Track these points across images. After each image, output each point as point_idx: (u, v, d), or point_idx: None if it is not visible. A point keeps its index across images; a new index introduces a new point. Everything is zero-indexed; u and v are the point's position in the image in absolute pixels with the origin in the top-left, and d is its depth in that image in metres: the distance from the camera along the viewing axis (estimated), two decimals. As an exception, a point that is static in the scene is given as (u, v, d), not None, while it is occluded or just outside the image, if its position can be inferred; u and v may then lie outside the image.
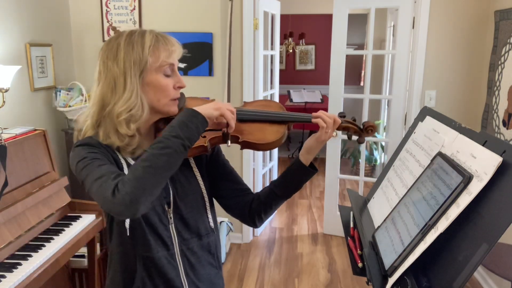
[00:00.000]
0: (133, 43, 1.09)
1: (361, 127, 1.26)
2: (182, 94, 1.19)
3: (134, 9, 3.24)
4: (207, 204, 1.25)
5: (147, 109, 1.11)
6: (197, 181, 1.23)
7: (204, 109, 1.03)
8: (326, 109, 4.01)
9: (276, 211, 2.33)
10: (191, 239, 1.20)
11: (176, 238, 1.17)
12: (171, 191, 1.18)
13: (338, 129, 1.23)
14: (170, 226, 1.17)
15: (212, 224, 1.26)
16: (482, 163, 0.88)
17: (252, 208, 1.28)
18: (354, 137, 1.28)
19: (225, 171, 1.30)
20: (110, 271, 1.21)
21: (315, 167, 1.24)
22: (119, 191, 0.91)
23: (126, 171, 1.10)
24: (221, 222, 3.23)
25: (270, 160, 4.39)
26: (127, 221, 1.12)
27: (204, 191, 1.24)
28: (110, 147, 1.11)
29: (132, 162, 1.13)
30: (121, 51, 1.08)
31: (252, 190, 1.32)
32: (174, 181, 1.19)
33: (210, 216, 1.26)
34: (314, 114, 1.21)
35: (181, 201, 1.18)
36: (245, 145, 1.19)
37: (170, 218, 1.17)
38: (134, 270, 1.14)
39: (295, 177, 1.24)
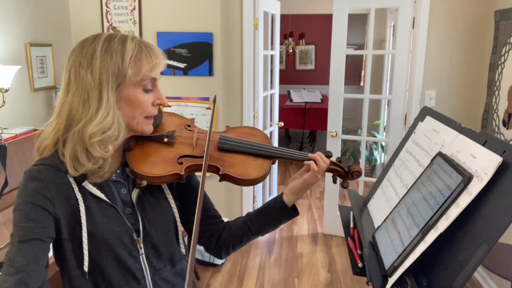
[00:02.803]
0: (112, 50, 0.94)
1: (346, 170, 1.18)
2: (159, 110, 1.05)
3: (134, 9, 3.24)
4: (179, 227, 1.12)
5: (124, 129, 0.97)
6: (169, 204, 1.10)
7: None
8: (326, 109, 4.01)
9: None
10: (164, 267, 1.07)
11: (148, 269, 1.04)
12: (139, 217, 1.04)
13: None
14: (140, 256, 1.03)
15: (183, 250, 1.14)
16: (482, 163, 0.88)
17: (221, 238, 1.17)
18: (339, 180, 1.21)
19: (197, 195, 1.09)
20: None
21: (296, 210, 1.14)
22: None
23: (82, 208, 0.96)
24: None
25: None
26: (86, 263, 0.97)
27: (176, 214, 1.10)
28: (67, 175, 0.96)
29: (93, 190, 0.98)
30: (97, 59, 0.94)
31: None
32: (143, 204, 1.05)
33: (182, 240, 1.14)
34: (311, 155, 1.12)
35: (151, 227, 1.05)
36: (225, 178, 1.06)
37: (141, 248, 1.03)
38: None
39: (274, 216, 1.13)
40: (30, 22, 2.82)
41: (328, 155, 1.16)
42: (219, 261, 3.27)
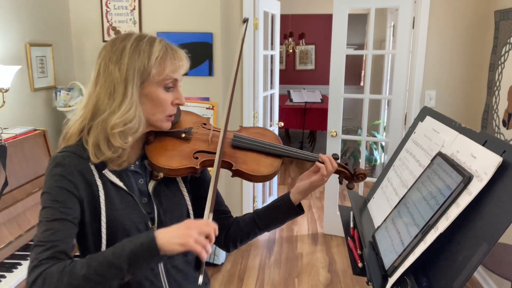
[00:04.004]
0: (139, 50, 1.01)
1: (352, 172, 1.25)
2: (178, 108, 1.12)
3: (134, 9, 3.24)
4: (192, 218, 1.17)
5: (144, 123, 1.04)
6: (183, 196, 1.16)
7: (167, 242, 0.89)
8: (326, 109, 4.01)
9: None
10: (176, 256, 1.07)
11: None
12: (155, 206, 1.10)
13: None
14: None
15: None
16: (482, 163, 0.88)
17: (229, 232, 1.23)
18: (344, 182, 1.26)
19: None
20: None
21: (302, 209, 1.21)
22: (34, 285, 0.86)
23: (102, 194, 1.02)
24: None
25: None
26: (104, 246, 1.03)
27: (189, 206, 1.17)
28: (89, 162, 1.02)
29: (112, 178, 1.05)
30: (125, 56, 1.01)
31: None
32: (159, 194, 1.12)
33: None
34: (321, 156, 1.18)
35: (165, 217, 1.11)
36: (237, 173, 1.13)
37: None
38: None
39: (281, 214, 1.20)
40: (30, 22, 2.82)
41: (335, 157, 1.21)
42: (219, 261, 3.27)
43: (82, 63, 3.38)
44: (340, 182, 1.27)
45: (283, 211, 1.20)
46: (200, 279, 0.94)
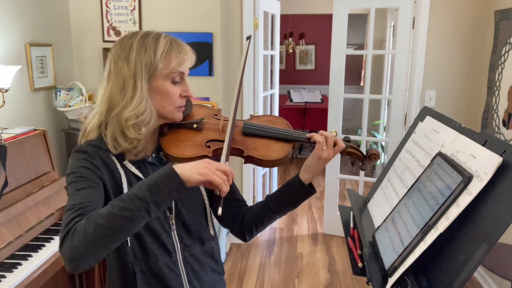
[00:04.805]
0: (146, 46, 1.06)
1: (365, 154, 1.26)
2: (188, 101, 1.17)
3: (134, 9, 3.24)
4: (208, 210, 1.23)
5: (155, 115, 1.09)
6: (198, 187, 1.20)
7: (186, 171, 0.91)
8: (326, 109, 4.01)
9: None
10: (194, 245, 1.18)
11: (178, 244, 1.15)
12: None
13: (342, 153, 1.23)
14: (172, 232, 1.15)
15: (212, 231, 1.24)
16: (482, 163, 0.88)
17: (244, 220, 1.26)
18: (357, 163, 1.27)
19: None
20: (110, 286, 1.18)
21: (313, 188, 1.22)
22: (65, 242, 0.87)
23: (124, 180, 1.08)
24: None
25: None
26: None
27: (205, 197, 1.22)
28: (110, 154, 1.09)
29: (132, 169, 1.10)
30: (133, 52, 1.06)
31: (250, 200, 1.29)
32: None
33: (210, 222, 1.24)
34: (321, 132, 1.21)
35: (182, 207, 1.16)
36: (249, 159, 1.17)
37: (172, 224, 1.15)
38: (134, 285, 1.11)
39: (291, 194, 1.22)
40: (30, 22, 2.82)
41: (347, 139, 1.25)
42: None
43: (82, 63, 3.38)
44: (353, 164, 1.28)
45: (293, 190, 1.21)
46: (219, 211, 0.97)
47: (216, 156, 1.16)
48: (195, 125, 1.18)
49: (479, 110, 3.18)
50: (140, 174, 1.11)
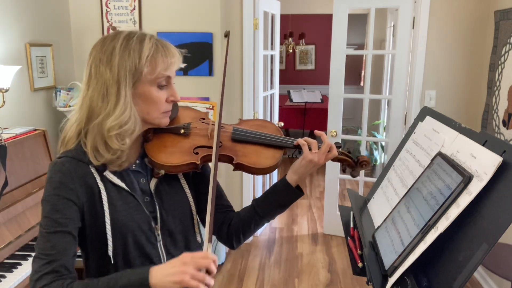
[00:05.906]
0: (129, 49, 0.98)
1: (355, 160, 1.24)
2: (174, 104, 1.11)
3: (134, 9, 3.24)
4: (195, 217, 1.17)
5: (140, 123, 1.03)
6: (185, 193, 1.15)
7: (160, 280, 0.88)
8: (326, 109, 4.01)
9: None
10: (180, 254, 1.13)
11: (165, 256, 1.09)
12: (157, 205, 1.09)
13: (333, 160, 1.20)
14: (158, 243, 1.08)
15: (199, 238, 1.19)
16: (482, 163, 0.88)
17: (231, 225, 1.20)
18: (348, 170, 1.26)
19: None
20: None
21: (301, 190, 1.18)
22: None
23: (104, 196, 1.02)
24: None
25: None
26: (110, 249, 1.03)
27: (192, 204, 1.16)
28: (89, 166, 1.01)
29: (114, 179, 1.04)
30: (115, 56, 0.98)
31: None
32: (160, 193, 1.10)
33: (198, 230, 1.18)
34: (312, 137, 1.19)
35: (168, 215, 1.10)
36: (239, 167, 1.13)
37: (158, 235, 1.08)
38: None
39: (278, 197, 1.17)
40: (30, 22, 2.82)
41: (338, 145, 1.21)
42: (219, 261, 3.27)
43: (82, 63, 3.38)
44: (344, 170, 1.26)
45: (280, 192, 1.16)
46: None
47: (204, 163, 1.12)
48: (182, 131, 1.12)
49: (479, 110, 3.18)
50: (122, 184, 1.05)
